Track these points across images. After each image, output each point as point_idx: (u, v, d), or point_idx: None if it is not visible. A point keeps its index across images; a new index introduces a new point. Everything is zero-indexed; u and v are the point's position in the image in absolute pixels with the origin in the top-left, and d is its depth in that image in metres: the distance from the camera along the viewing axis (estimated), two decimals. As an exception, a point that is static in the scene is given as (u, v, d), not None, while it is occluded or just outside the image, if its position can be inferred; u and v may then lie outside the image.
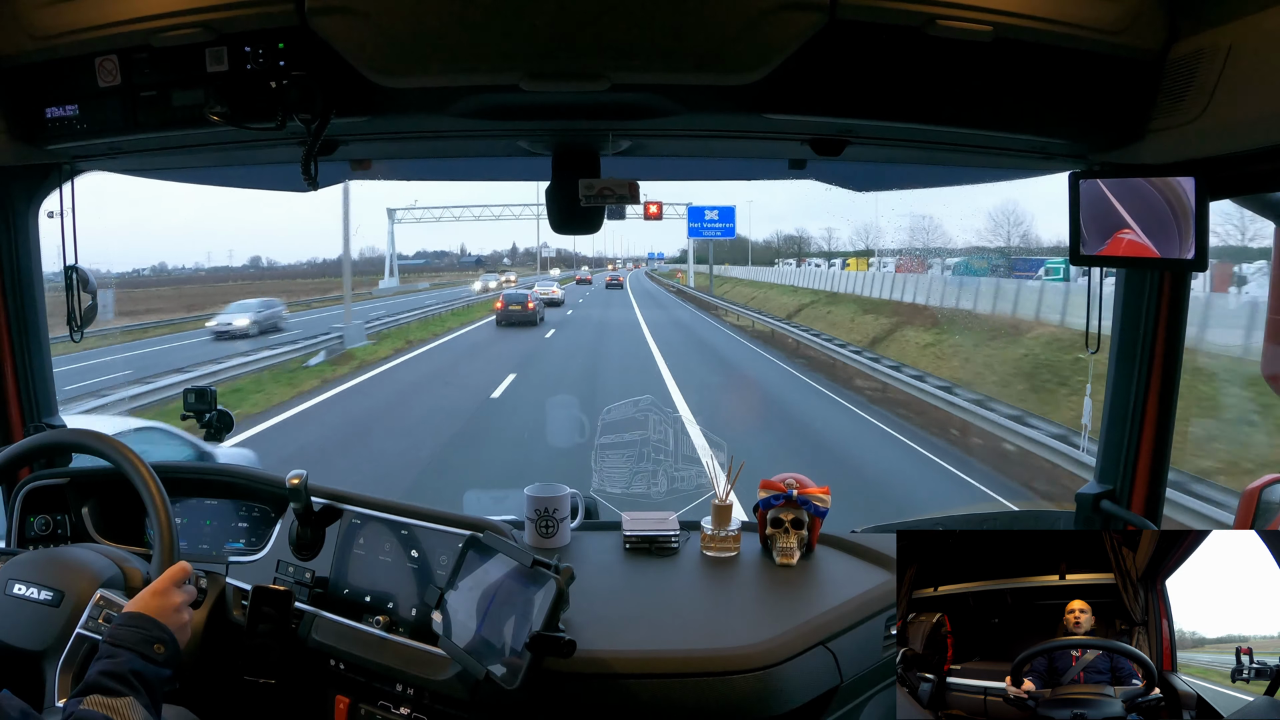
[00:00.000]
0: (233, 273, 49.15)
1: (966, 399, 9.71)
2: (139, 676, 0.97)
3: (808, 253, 44.24)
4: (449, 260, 65.33)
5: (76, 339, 1.60)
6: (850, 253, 37.27)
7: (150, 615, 1.04)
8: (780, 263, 42.74)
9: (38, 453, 1.31)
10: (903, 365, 12.85)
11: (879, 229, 34.17)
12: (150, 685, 0.98)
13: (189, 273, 44.41)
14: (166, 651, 1.02)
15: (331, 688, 1.31)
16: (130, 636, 1.01)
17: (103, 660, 0.98)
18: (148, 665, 0.99)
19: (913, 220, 31.04)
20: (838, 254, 39.51)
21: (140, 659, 0.99)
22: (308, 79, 1.17)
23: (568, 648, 1.07)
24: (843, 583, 1.41)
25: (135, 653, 0.99)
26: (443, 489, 6.37)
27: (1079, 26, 1.15)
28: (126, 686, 0.95)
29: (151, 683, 0.98)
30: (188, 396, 1.67)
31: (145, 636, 1.01)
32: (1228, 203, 1.28)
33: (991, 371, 12.79)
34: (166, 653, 1.02)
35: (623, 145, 1.48)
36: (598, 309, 28.05)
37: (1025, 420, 8.66)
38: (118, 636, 1.01)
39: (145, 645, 1.01)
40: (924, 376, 11.64)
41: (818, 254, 42.43)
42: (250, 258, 50.89)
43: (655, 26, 1.11)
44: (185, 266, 45.17)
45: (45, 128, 1.30)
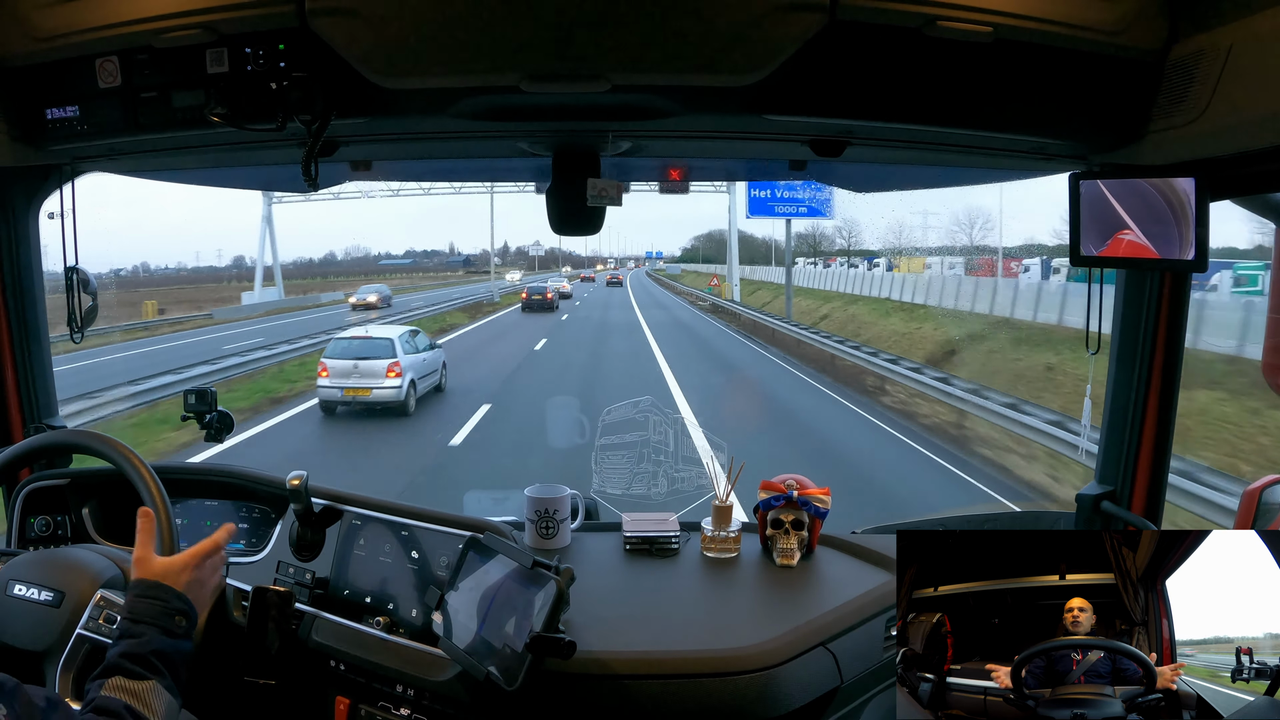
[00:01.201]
0: (219, 273, 49.06)
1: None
2: (161, 656, 0.94)
3: (834, 251, 36.71)
4: (439, 259, 65.04)
5: (77, 340, 1.60)
6: (880, 251, 30.08)
7: (168, 584, 1.01)
8: (801, 263, 33.76)
9: (38, 453, 1.31)
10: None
11: (902, 224, 29.56)
12: (173, 664, 0.95)
13: (170, 273, 44.16)
14: (187, 623, 0.99)
15: (332, 689, 1.31)
16: (150, 610, 0.97)
17: (124, 640, 0.95)
18: (169, 641, 0.96)
19: (969, 212, 26.17)
20: (858, 252, 33.87)
21: (162, 634, 0.96)
22: (308, 80, 1.17)
23: (568, 649, 1.07)
24: (843, 584, 1.41)
25: (157, 627, 0.96)
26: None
27: (1079, 27, 1.15)
28: (149, 669, 0.92)
29: (174, 660, 0.95)
30: (188, 397, 1.66)
31: (165, 609, 0.98)
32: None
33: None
34: (187, 624, 0.99)
35: (623, 146, 1.48)
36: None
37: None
38: (137, 611, 0.98)
39: (167, 618, 0.97)
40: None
41: (845, 253, 35.07)
42: (234, 258, 50.84)
43: (655, 27, 1.11)
44: (168, 267, 45.00)
45: (46, 129, 1.30)
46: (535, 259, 71.07)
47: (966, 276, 20.59)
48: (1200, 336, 9.88)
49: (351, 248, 55.40)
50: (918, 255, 27.11)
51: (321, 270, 58.18)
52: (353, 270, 46.00)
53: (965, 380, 11.03)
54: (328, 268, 60.88)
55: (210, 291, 36.97)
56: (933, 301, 19.38)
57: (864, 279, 25.11)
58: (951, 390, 10.53)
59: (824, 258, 36.08)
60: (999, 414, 9.21)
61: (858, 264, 29.38)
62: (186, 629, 0.99)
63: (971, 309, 17.81)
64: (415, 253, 65.59)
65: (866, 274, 25.75)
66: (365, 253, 67.42)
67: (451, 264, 64.46)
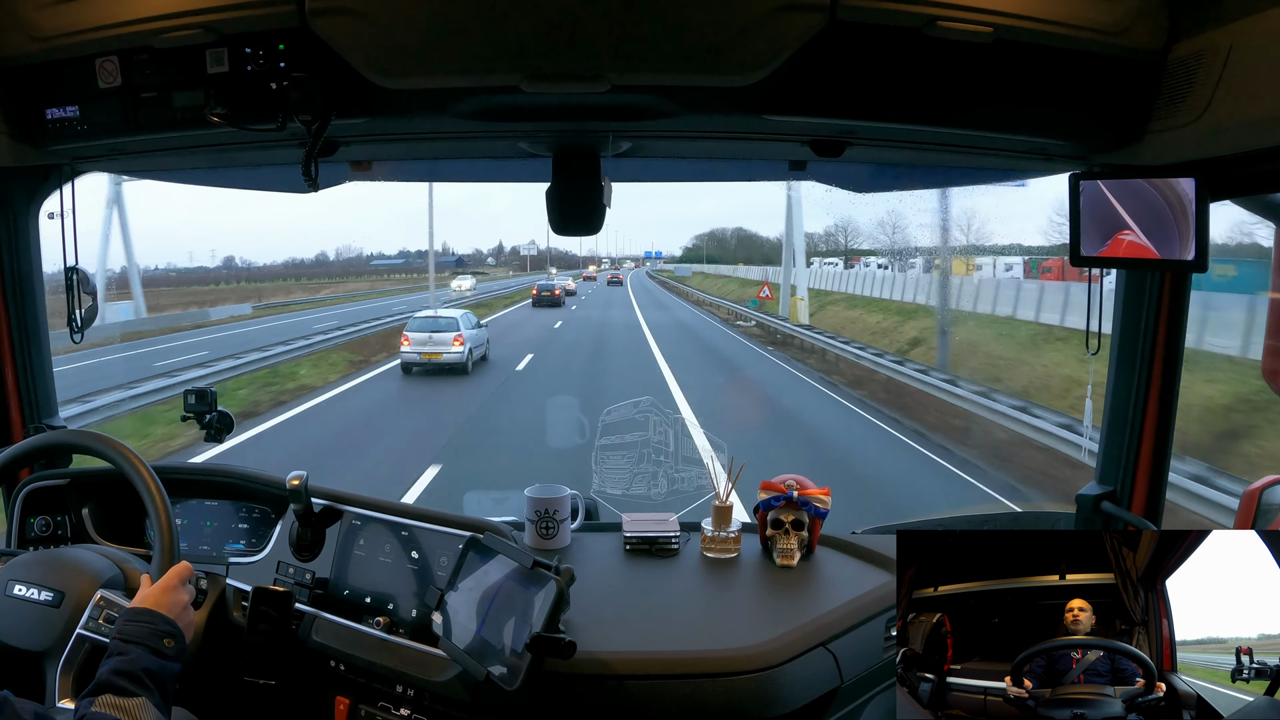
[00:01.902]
0: (209, 273, 48.67)
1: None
2: (151, 675, 0.97)
3: (857, 251, 29.74)
4: (435, 259, 64.89)
5: (76, 340, 1.60)
6: (921, 250, 21.14)
7: (158, 610, 1.04)
8: (819, 263, 28.28)
9: (38, 453, 1.31)
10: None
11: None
12: (162, 683, 0.97)
13: (160, 273, 43.51)
14: (176, 646, 1.02)
15: (332, 689, 1.31)
16: (140, 631, 1.01)
17: (114, 658, 0.98)
18: (159, 661, 0.99)
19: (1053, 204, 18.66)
20: (859, 252, 28.81)
21: (151, 654, 0.99)
22: (308, 80, 1.17)
23: (568, 649, 1.07)
24: (843, 584, 1.41)
25: (146, 647, 0.99)
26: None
27: (1079, 27, 1.15)
28: (139, 686, 0.95)
29: (163, 680, 0.98)
30: (188, 397, 1.66)
31: (155, 631, 1.02)
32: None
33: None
34: (176, 647, 1.02)
35: (623, 146, 1.48)
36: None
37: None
38: (127, 632, 1.01)
39: (156, 639, 1.01)
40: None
41: (869, 253, 27.65)
42: (224, 258, 50.38)
43: (655, 28, 1.11)
44: (158, 267, 44.45)
45: (46, 129, 1.30)
46: (527, 259, 70.96)
47: (1027, 280, 16.74)
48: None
49: (343, 248, 55.16)
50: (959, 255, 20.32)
51: (311, 271, 57.55)
52: (346, 272, 45.70)
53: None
54: (317, 269, 60.22)
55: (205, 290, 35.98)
56: (1068, 320, 12.74)
57: (898, 282, 19.93)
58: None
59: (846, 257, 29.72)
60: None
61: (887, 265, 23.50)
62: (176, 651, 1.02)
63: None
64: (408, 253, 65.31)
65: (898, 276, 20.48)
66: (358, 253, 67.39)
67: (444, 264, 64.05)
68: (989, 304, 15.99)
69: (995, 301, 15.88)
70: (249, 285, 39.60)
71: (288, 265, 56.11)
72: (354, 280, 48.47)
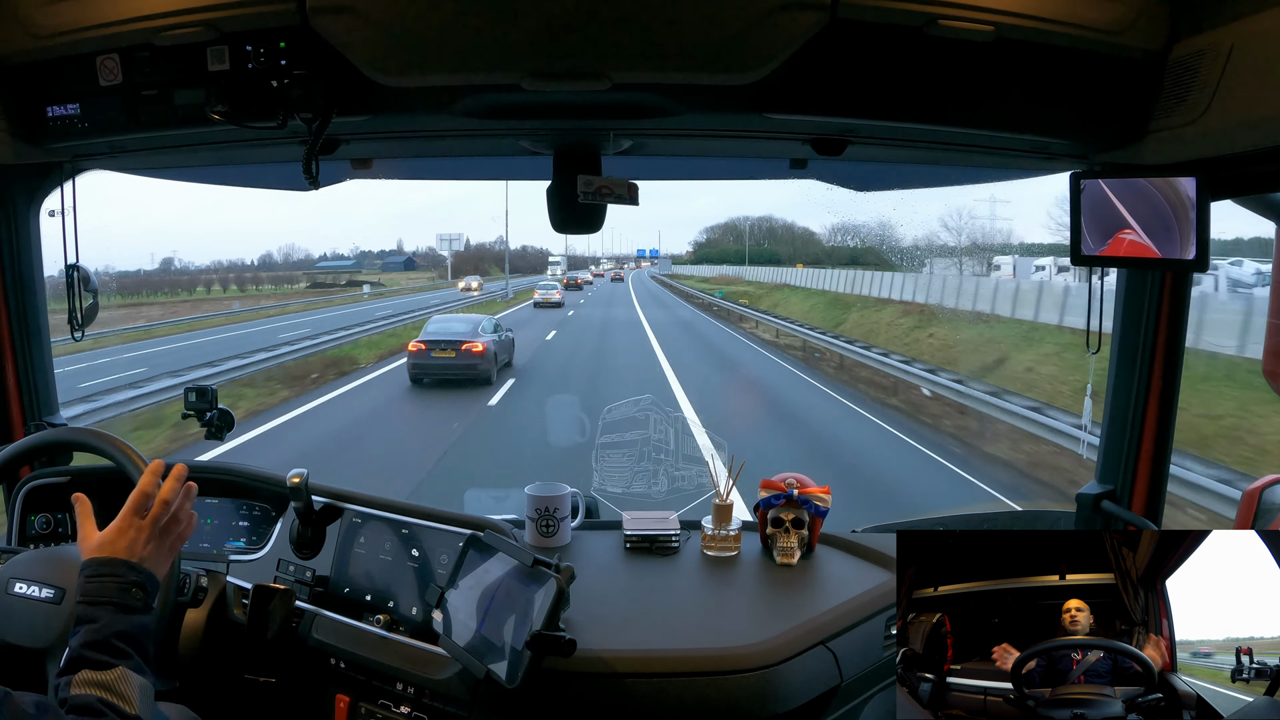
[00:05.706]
0: (144, 277, 47.11)
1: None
2: (124, 637, 0.89)
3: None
4: (431, 258, 63.21)
5: (77, 338, 1.60)
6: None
7: (118, 556, 0.95)
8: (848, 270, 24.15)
9: (39, 451, 1.30)
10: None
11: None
12: (138, 643, 0.90)
13: (135, 275, 42.19)
14: (146, 594, 0.94)
15: (332, 686, 1.31)
16: (102, 589, 0.92)
17: (83, 626, 0.89)
18: (129, 619, 0.91)
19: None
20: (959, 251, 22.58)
21: (120, 612, 0.90)
22: (309, 78, 1.17)
23: (568, 647, 1.07)
24: (843, 582, 1.41)
25: (113, 605, 0.91)
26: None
27: (1080, 27, 1.15)
28: (114, 655, 0.87)
29: (138, 639, 0.90)
30: (189, 395, 1.66)
31: (120, 584, 0.92)
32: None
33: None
34: (146, 596, 0.93)
35: (624, 145, 1.48)
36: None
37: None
38: (89, 592, 0.92)
39: (122, 594, 0.92)
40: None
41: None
42: (163, 259, 48.92)
43: (656, 26, 1.11)
44: (137, 269, 43.41)
45: (46, 127, 1.30)
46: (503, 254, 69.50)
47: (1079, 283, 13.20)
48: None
49: (287, 246, 53.04)
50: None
51: (254, 276, 53.70)
52: (292, 272, 43.52)
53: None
54: (261, 270, 56.98)
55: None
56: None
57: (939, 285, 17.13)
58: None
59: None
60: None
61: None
62: (145, 600, 0.93)
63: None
64: (368, 254, 62.67)
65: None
66: (305, 254, 62.61)
67: (390, 265, 60.82)
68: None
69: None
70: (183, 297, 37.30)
71: (233, 266, 53.32)
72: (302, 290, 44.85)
